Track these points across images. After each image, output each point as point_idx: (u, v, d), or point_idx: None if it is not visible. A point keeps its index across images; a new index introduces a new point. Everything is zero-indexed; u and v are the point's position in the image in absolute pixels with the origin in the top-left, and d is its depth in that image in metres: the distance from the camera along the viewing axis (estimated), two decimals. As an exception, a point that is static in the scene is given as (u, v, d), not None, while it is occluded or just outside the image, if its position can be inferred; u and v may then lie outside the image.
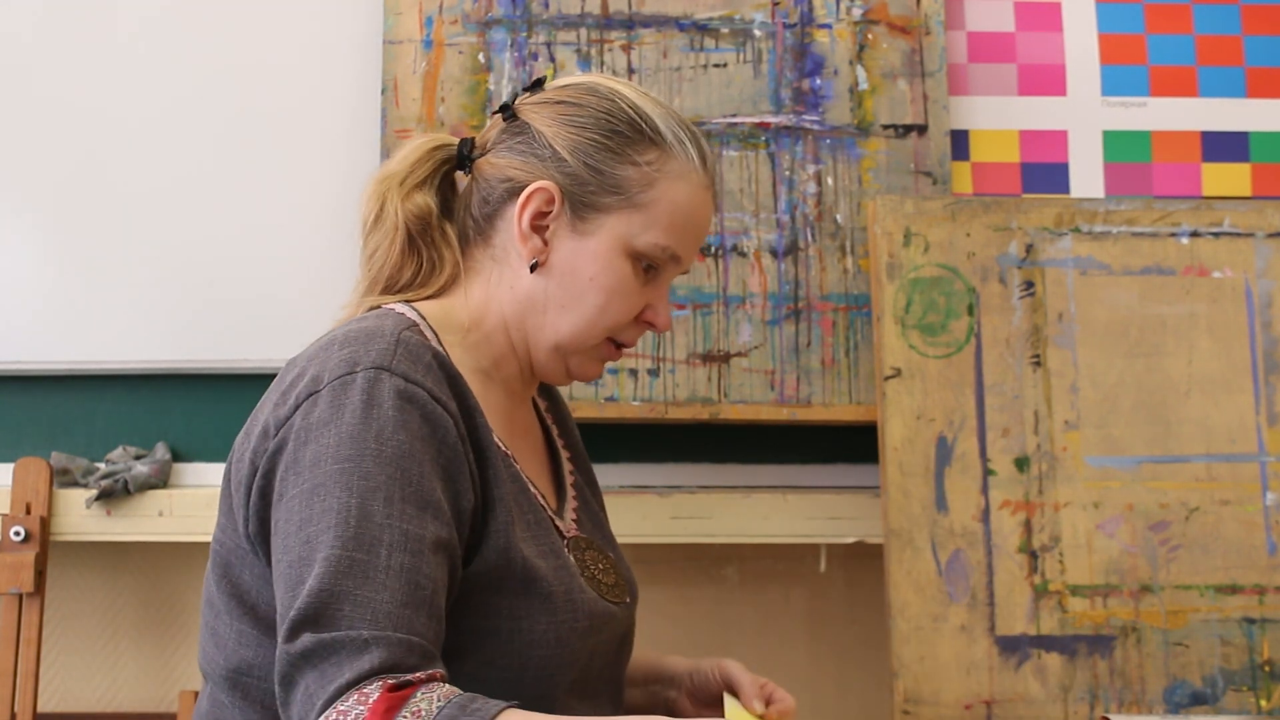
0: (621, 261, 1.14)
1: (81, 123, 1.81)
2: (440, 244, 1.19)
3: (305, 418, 1.02)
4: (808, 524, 1.76)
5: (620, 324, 1.17)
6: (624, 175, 1.14)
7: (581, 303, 1.15)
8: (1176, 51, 1.89)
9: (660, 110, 1.17)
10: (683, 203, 1.16)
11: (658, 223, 1.15)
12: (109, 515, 1.73)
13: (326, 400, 1.01)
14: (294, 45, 1.83)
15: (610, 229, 1.14)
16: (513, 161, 1.17)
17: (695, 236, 1.18)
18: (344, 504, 0.97)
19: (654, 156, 1.15)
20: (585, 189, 1.14)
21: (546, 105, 1.18)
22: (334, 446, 0.99)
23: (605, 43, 1.80)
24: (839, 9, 1.82)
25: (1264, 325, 1.69)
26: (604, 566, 1.20)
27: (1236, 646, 1.61)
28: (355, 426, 0.99)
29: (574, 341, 1.16)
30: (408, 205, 1.18)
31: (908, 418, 1.65)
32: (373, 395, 1.01)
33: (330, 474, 0.98)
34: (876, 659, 1.84)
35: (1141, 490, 1.64)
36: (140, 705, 1.86)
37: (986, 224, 1.70)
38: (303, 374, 1.05)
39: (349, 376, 1.02)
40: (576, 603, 1.10)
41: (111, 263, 1.79)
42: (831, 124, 1.80)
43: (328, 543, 0.95)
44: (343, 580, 0.94)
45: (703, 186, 1.18)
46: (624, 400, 1.73)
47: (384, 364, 1.03)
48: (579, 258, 1.15)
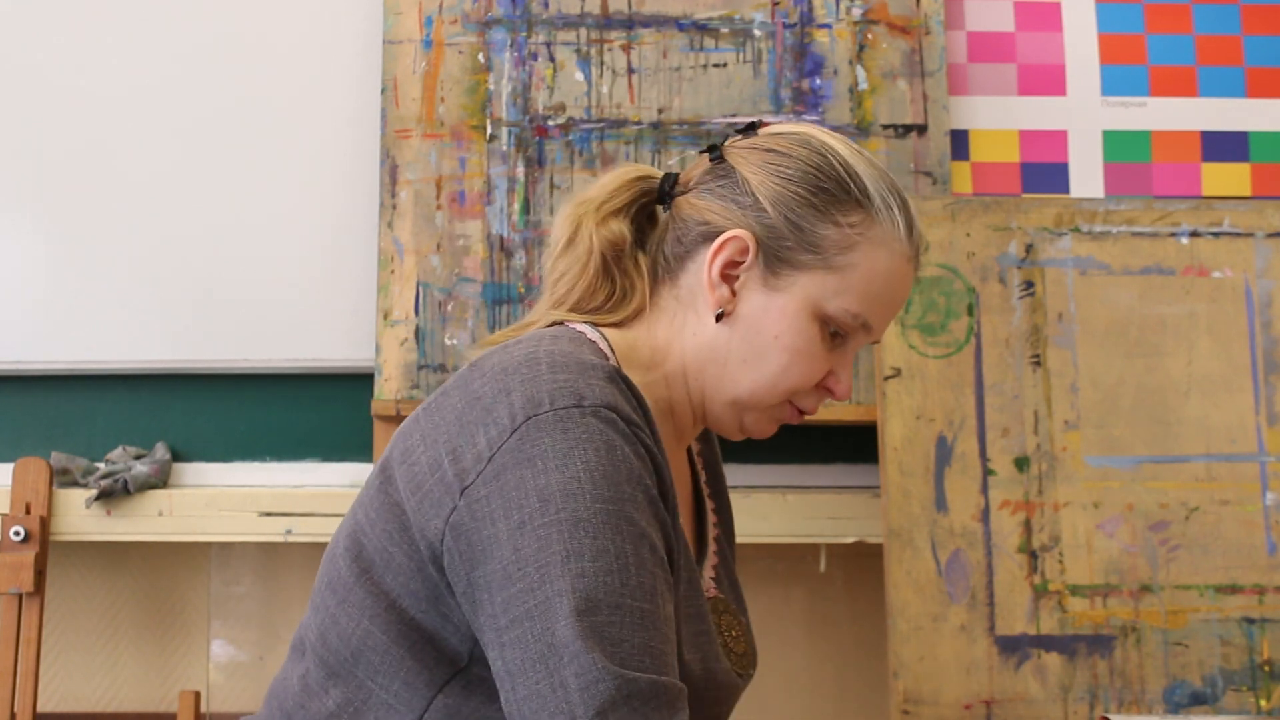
0: (809, 323, 1.10)
1: (81, 123, 1.81)
2: (632, 273, 1.16)
3: (534, 444, 0.97)
4: (808, 524, 1.76)
5: (801, 387, 1.12)
6: (824, 234, 1.09)
7: (764, 360, 1.10)
8: (1176, 51, 1.89)
9: (873, 173, 1.13)
10: (881, 271, 1.10)
11: (852, 289, 1.09)
12: (109, 515, 1.73)
13: (558, 429, 0.97)
14: (294, 45, 1.83)
15: (802, 288, 1.09)
16: (712, 205, 1.13)
17: (890, 307, 1.13)
18: (620, 548, 0.94)
19: (858, 219, 1.10)
20: (782, 243, 1.10)
21: (755, 151, 1.14)
22: (588, 482, 0.95)
23: (605, 43, 1.80)
24: (839, 9, 1.82)
25: (1264, 325, 1.69)
26: (737, 634, 1.17)
27: (1236, 646, 1.61)
28: (605, 466, 0.96)
29: (752, 399, 1.12)
30: (603, 231, 1.14)
31: (908, 418, 1.65)
32: (610, 437, 0.97)
33: (595, 512, 0.94)
34: (876, 659, 1.84)
35: (1141, 490, 1.64)
36: (140, 705, 1.86)
37: (986, 224, 1.70)
38: (506, 390, 1.00)
39: (578, 409, 0.97)
40: (712, 671, 1.07)
41: (112, 263, 1.79)
42: (831, 124, 1.80)
43: (614, 589, 0.92)
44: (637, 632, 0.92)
45: (905, 258, 1.12)
46: (624, 400, 1.73)
47: (612, 404, 0.99)
48: (767, 314, 1.10)
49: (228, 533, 1.74)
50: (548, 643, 0.92)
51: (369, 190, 1.80)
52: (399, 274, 1.74)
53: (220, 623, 1.87)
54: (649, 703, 0.90)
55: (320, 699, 1.06)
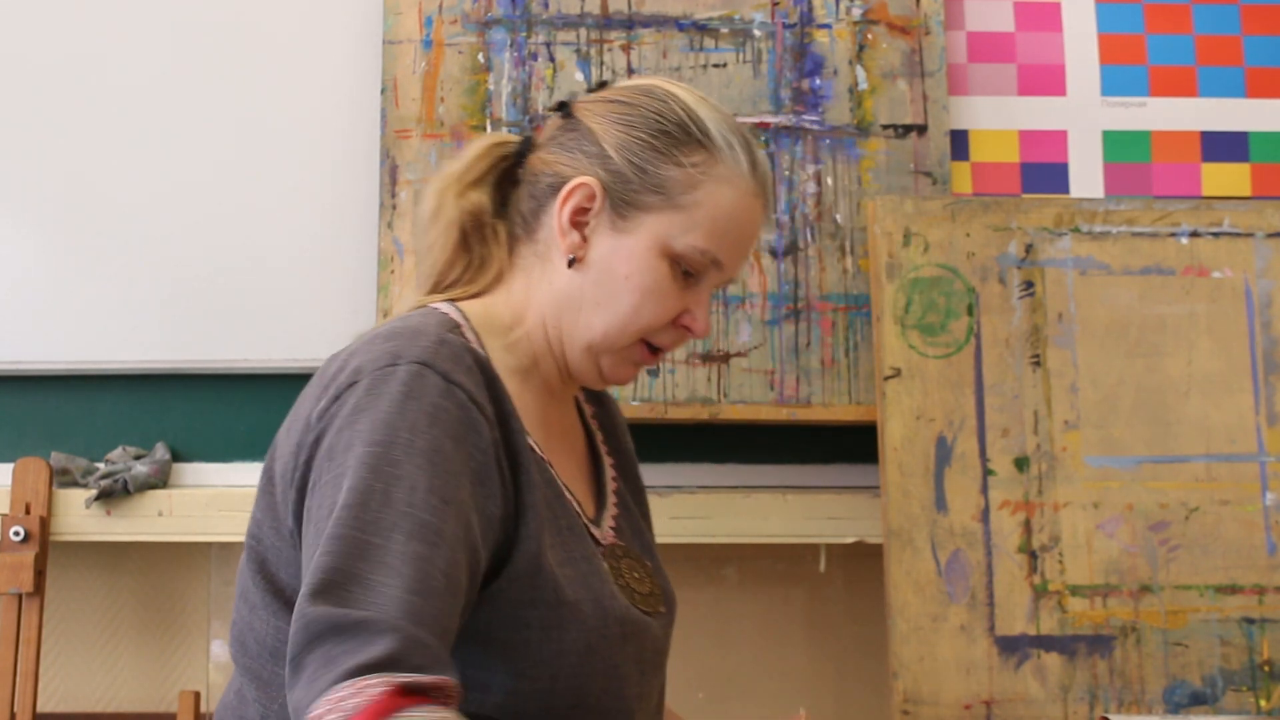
0: (658, 262, 1.13)
1: (81, 123, 1.81)
2: (490, 242, 1.19)
3: (343, 406, 1.01)
4: (807, 524, 1.76)
5: (654, 326, 1.15)
6: (668, 175, 1.13)
7: (615, 301, 1.13)
8: (1176, 51, 1.89)
9: (715, 115, 1.16)
10: (726, 207, 1.14)
11: (699, 226, 1.13)
12: (109, 515, 1.73)
13: (365, 389, 1.01)
14: (294, 45, 1.83)
15: (649, 229, 1.13)
16: (560, 157, 1.17)
17: (740, 243, 1.16)
18: (367, 486, 0.96)
19: (700, 159, 1.14)
20: (628, 187, 1.13)
21: (600, 103, 1.18)
22: (366, 432, 0.98)
23: (605, 43, 1.80)
24: (839, 9, 1.82)
25: (1264, 325, 1.69)
26: (640, 575, 1.18)
27: (1236, 646, 1.61)
28: (390, 415, 0.99)
29: (606, 341, 1.15)
30: (462, 202, 1.18)
31: (907, 418, 1.65)
32: (412, 388, 1.00)
33: (358, 456, 0.97)
34: (876, 659, 1.84)
35: (1141, 490, 1.64)
36: (140, 705, 1.86)
37: (986, 224, 1.70)
38: (344, 367, 1.05)
39: (390, 368, 1.01)
40: (607, 609, 1.08)
41: (112, 263, 1.79)
42: (831, 124, 1.80)
43: (345, 521, 0.94)
44: (354, 562, 0.92)
45: (751, 193, 1.16)
46: (624, 400, 1.73)
47: (427, 360, 1.02)
48: (616, 256, 1.14)
49: (228, 533, 1.74)
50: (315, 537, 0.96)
51: (369, 190, 1.80)
52: (399, 274, 1.74)
53: (220, 623, 1.87)
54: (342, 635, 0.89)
55: (252, 707, 1.09)
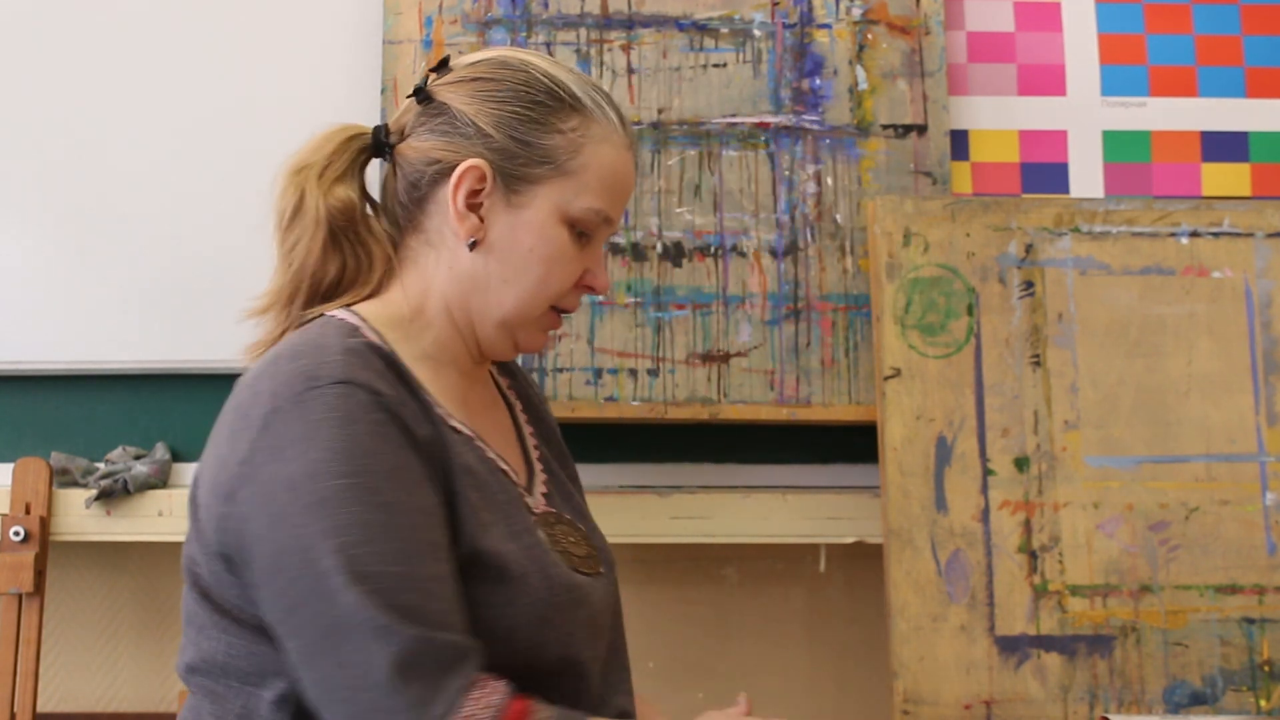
0: (558, 229, 1.15)
1: (81, 123, 1.81)
2: (367, 239, 1.18)
3: (276, 435, 1.00)
4: (807, 524, 1.76)
5: (562, 291, 1.17)
6: (551, 144, 1.15)
7: (523, 275, 1.15)
8: (1176, 51, 1.89)
9: (574, 76, 1.18)
10: (609, 164, 1.17)
11: (589, 187, 1.15)
12: (109, 515, 1.73)
13: (294, 415, 1.00)
14: (294, 45, 1.83)
15: (544, 198, 1.15)
16: (437, 143, 1.16)
17: (623, 196, 1.19)
18: (367, 519, 0.97)
19: (576, 123, 1.15)
20: (515, 162, 1.14)
21: (462, 83, 1.17)
22: (327, 462, 0.98)
23: (605, 43, 1.80)
24: (839, 9, 1.82)
25: (1264, 325, 1.69)
26: (575, 539, 1.20)
27: (1236, 646, 1.61)
28: (342, 442, 0.99)
29: (519, 314, 1.16)
30: (330, 200, 1.15)
31: (907, 418, 1.65)
32: (345, 410, 1.00)
33: (337, 489, 0.97)
34: (876, 659, 1.84)
35: (1141, 490, 1.64)
36: (140, 705, 1.86)
37: (986, 224, 1.70)
38: (257, 392, 1.04)
39: (312, 391, 1.01)
40: (552, 578, 1.10)
41: (112, 263, 1.79)
42: (831, 124, 1.80)
43: (370, 559, 0.96)
44: (403, 595, 0.96)
45: (625, 147, 1.19)
46: (624, 400, 1.73)
47: (346, 377, 1.02)
48: (516, 231, 1.15)
49: (228, 533, 1.74)
50: (330, 620, 0.96)
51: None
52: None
53: (220, 623, 1.87)
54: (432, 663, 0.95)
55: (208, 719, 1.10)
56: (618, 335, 1.74)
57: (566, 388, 1.72)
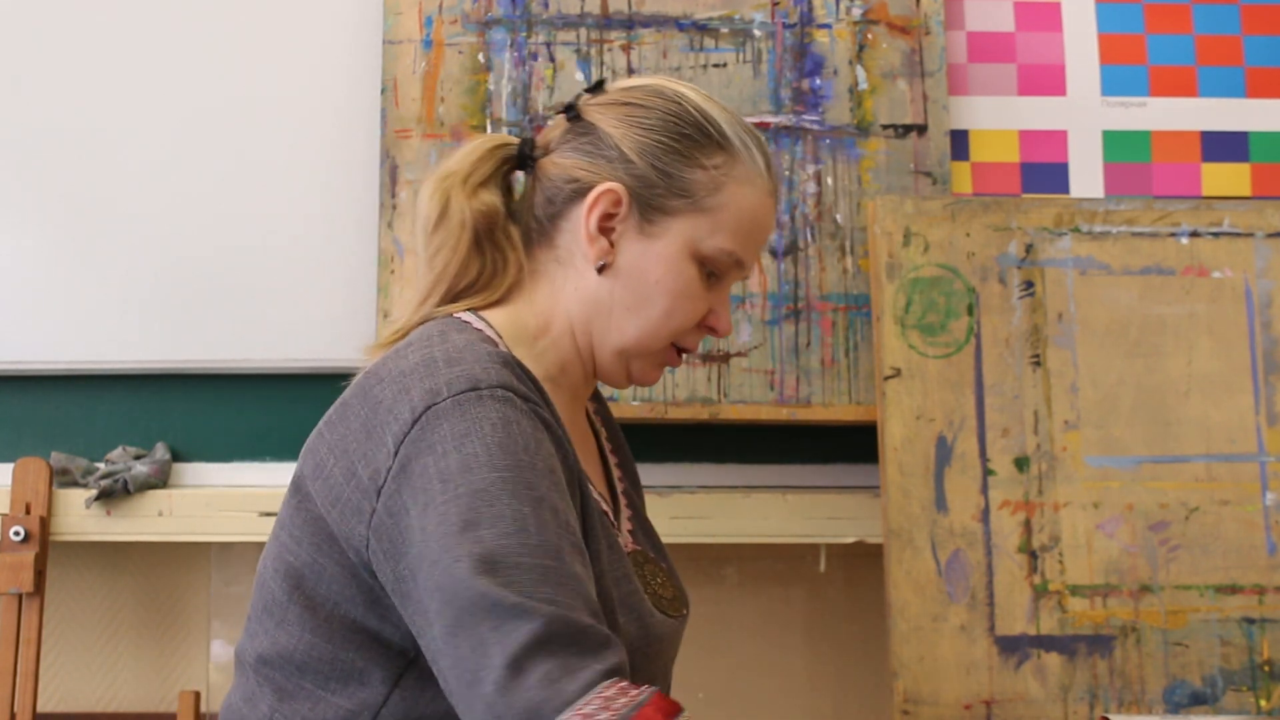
0: (687, 265, 1.13)
1: (81, 123, 1.81)
2: (504, 245, 1.17)
3: (433, 431, 0.99)
4: (807, 524, 1.76)
5: (684, 328, 1.15)
6: (692, 179, 1.13)
7: (648, 306, 1.13)
8: (1176, 51, 1.89)
9: (725, 114, 1.16)
10: (748, 207, 1.15)
11: (724, 227, 1.14)
12: (109, 515, 1.73)
13: (456, 414, 0.99)
14: (294, 45, 1.83)
15: (677, 232, 1.13)
16: (579, 162, 1.15)
17: (758, 241, 1.17)
18: (518, 511, 0.95)
19: (721, 160, 1.14)
20: (653, 191, 1.13)
21: (612, 106, 1.17)
22: (485, 456, 0.97)
23: (605, 43, 1.80)
24: (839, 9, 1.82)
25: (1264, 325, 1.69)
26: (662, 580, 1.18)
27: (1236, 646, 1.61)
28: (501, 439, 0.98)
29: (639, 345, 1.15)
30: (474, 204, 1.15)
31: (908, 418, 1.65)
32: (506, 414, 0.99)
33: (492, 481, 0.96)
34: (876, 659, 1.84)
35: (1141, 490, 1.64)
36: (140, 705, 1.86)
37: (986, 224, 1.70)
38: (406, 389, 1.02)
39: (473, 393, 1.00)
40: (648, 628, 1.09)
41: (112, 263, 1.79)
42: (831, 124, 1.80)
43: (515, 549, 0.94)
44: (542, 586, 0.93)
45: (767, 192, 1.17)
46: (624, 400, 1.73)
47: (507, 385, 1.01)
48: (645, 260, 1.13)
49: (228, 533, 1.74)
50: (458, 608, 0.93)
51: (369, 190, 1.80)
52: (399, 274, 1.74)
53: (220, 623, 1.87)
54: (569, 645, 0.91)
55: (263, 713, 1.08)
56: (618, 335, 1.74)
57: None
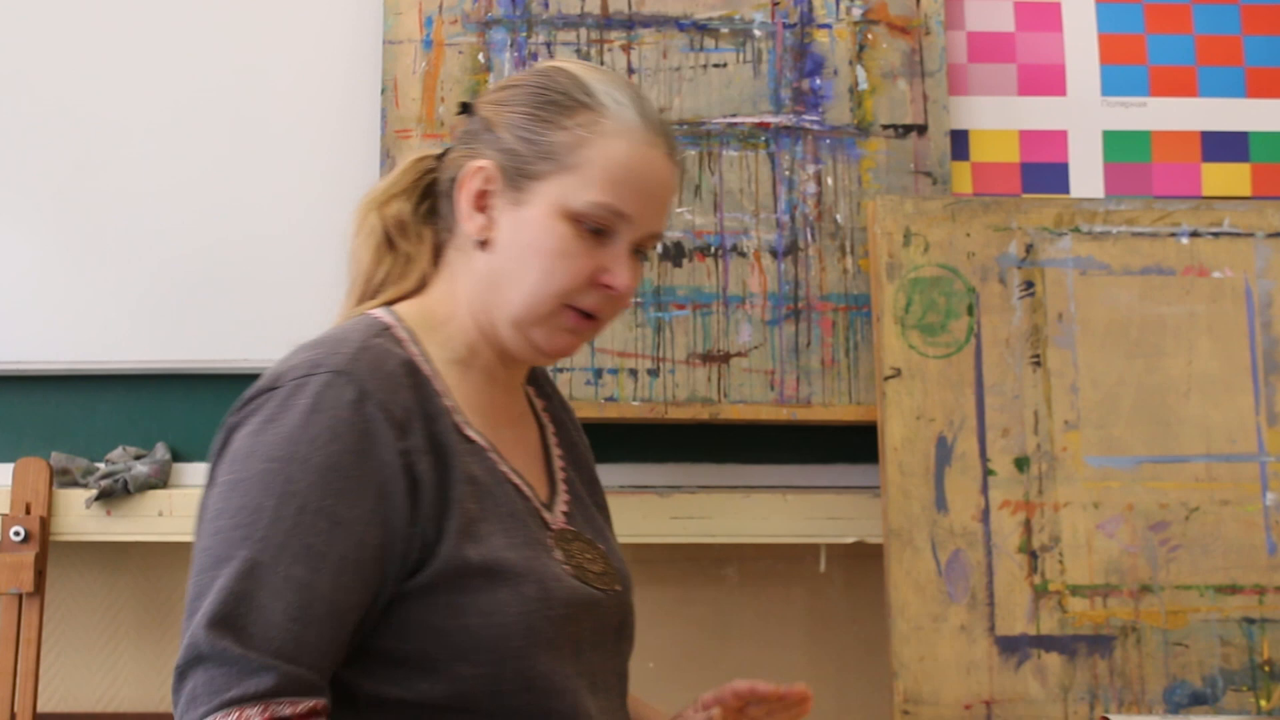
0: (558, 224, 1.14)
1: (81, 123, 1.81)
2: (414, 243, 1.22)
3: (252, 414, 1.04)
4: (808, 524, 1.76)
5: (570, 288, 1.15)
6: (554, 140, 1.15)
7: (526, 271, 1.15)
8: (1176, 51, 1.89)
9: (604, 78, 1.18)
10: (618, 158, 1.14)
11: (592, 181, 1.14)
12: (109, 515, 1.73)
13: (279, 399, 1.04)
14: (294, 45, 1.83)
15: (544, 195, 1.15)
16: (462, 151, 1.20)
17: (643, 192, 1.16)
18: (259, 504, 0.99)
19: (585, 118, 1.15)
20: (520, 161, 1.16)
21: (495, 92, 1.22)
22: (267, 445, 1.01)
23: (605, 43, 1.80)
24: (839, 9, 1.82)
25: (1264, 325, 1.69)
26: (592, 556, 1.20)
27: (1236, 646, 1.61)
28: (293, 429, 1.02)
29: (528, 312, 1.16)
30: (384, 213, 1.22)
31: (908, 418, 1.65)
32: (321, 399, 1.03)
33: (255, 471, 1.01)
34: (876, 659, 1.84)
35: (1141, 490, 1.64)
36: (140, 705, 1.86)
37: (986, 224, 1.70)
38: (273, 372, 1.07)
39: (306, 378, 1.04)
40: (550, 589, 1.10)
41: (111, 263, 1.79)
42: (831, 124, 1.80)
43: (237, 541, 0.99)
44: (244, 582, 0.97)
45: (644, 142, 1.16)
46: (624, 400, 1.73)
47: (344, 368, 1.05)
48: (520, 228, 1.15)
49: (228, 533, 1.74)
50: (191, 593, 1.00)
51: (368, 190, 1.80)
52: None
53: (220, 623, 1.87)
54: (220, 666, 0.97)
55: None
56: (618, 335, 1.74)
57: (567, 388, 1.72)
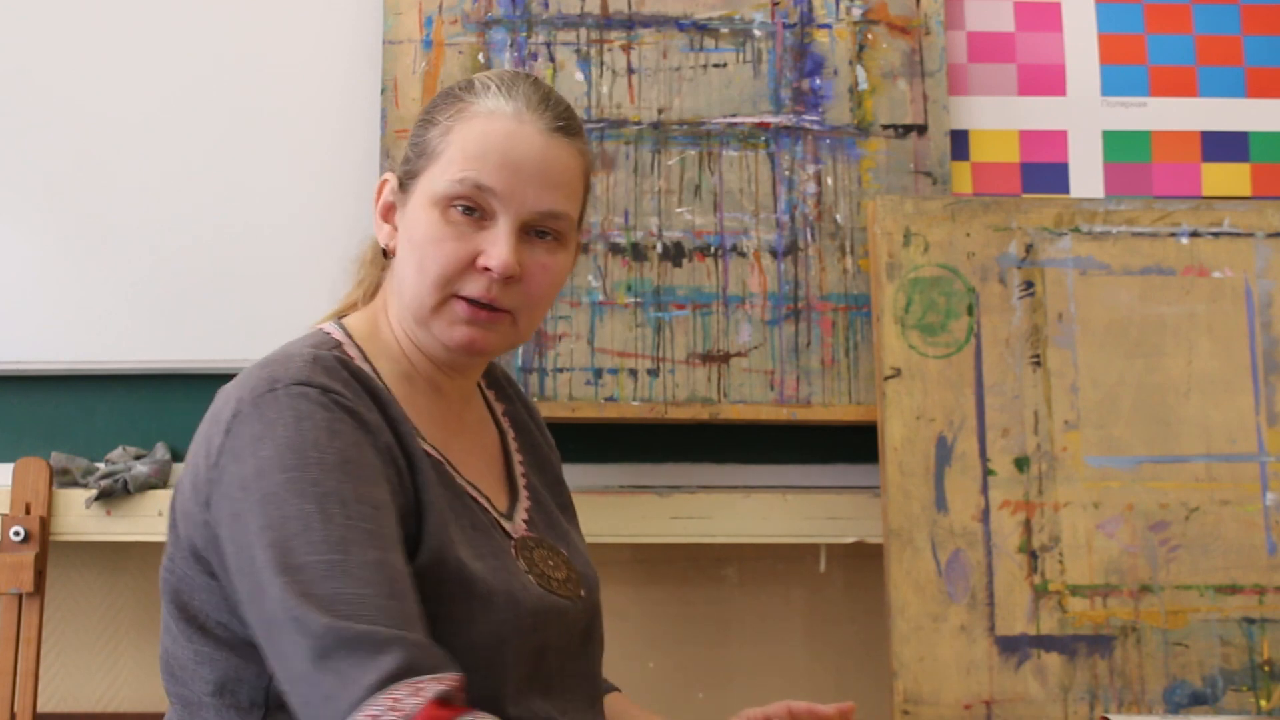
0: (427, 212, 1.14)
1: (81, 122, 1.81)
2: (373, 268, 1.26)
3: (236, 438, 1.03)
4: (808, 524, 1.76)
5: (446, 274, 1.12)
6: (428, 137, 1.16)
7: (410, 266, 1.15)
8: (1176, 51, 1.89)
9: (496, 73, 1.19)
10: (477, 134, 1.13)
11: (452, 161, 1.13)
12: (109, 515, 1.73)
13: (253, 417, 1.03)
14: (294, 45, 1.83)
15: (420, 189, 1.15)
16: None
17: (508, 165, 1.12)
18: (302, 510, 0.98)
19: (454, 109, 1.16)
20: (407, 165, 1.18)
21: None
22: (275, 458, 1.01)
23: (605, 43, 1.80)
24: (839, 9, 1.82)
25: (1264, 325, 1.69)
26: (555, 563, 1.20)
27: (1236, 646, 1.61)
28: (291, 437, 1.02)
29: (417, 305, 1.15)
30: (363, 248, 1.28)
31: (908, 418, 1.65)
32: (299, 408, 1.03)
33: (279, 483, 1.00)
34: (876, 659, 1.84)
35: (1141, 490, 1.64)
36: (140, 705, 1.86)
37: (986, 224, 1.70)
38: (228, 398, 1.08)
39: (270, 394, 1.04)
40: (518, 600, 1.10)
41: (111, 263, 1.79)
42: (831, 124, 1.80)
43: (299, 549, 0.97)
44: (326, 583, 0.96)
45: (510, 117, 1.13)
46: (624, 400, 1.73)
47: (303, 379, 1.05)
48: (404, 228, 1.17)
49: (228, 533, 1.74)
50: (267, 613, 0.97)
51: (369, 190, 1.79)
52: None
53: (220, 623, 1.87)
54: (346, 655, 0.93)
55: None
56: (618, 335, 1.74)
57: (566, 388, 1.72)
